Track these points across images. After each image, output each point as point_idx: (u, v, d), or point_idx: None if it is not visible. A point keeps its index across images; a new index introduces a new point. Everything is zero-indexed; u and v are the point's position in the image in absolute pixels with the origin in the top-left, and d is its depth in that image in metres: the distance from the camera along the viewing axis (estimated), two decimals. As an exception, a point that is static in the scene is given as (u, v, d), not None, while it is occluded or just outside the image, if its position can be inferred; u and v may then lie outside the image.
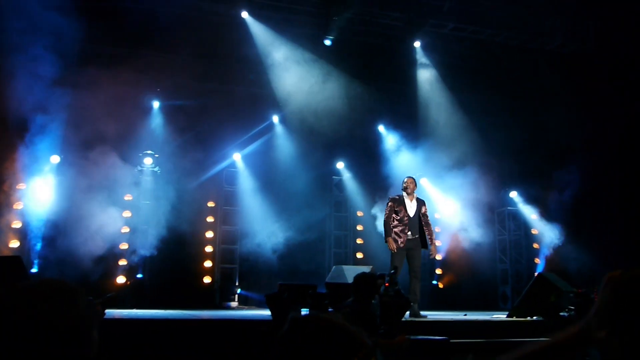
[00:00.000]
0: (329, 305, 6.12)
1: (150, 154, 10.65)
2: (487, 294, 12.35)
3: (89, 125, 9.55)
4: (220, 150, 11.36)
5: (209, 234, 11.25)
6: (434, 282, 12.54)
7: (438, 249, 11.17)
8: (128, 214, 10.33)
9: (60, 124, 9.53)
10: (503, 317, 8.19)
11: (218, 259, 11.24)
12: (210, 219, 11.34)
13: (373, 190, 11.82)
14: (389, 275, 5.59)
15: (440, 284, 12.61)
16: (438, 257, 12.42)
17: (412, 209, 7.80)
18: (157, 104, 10.98)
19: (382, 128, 12.59)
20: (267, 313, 6.81)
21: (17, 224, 9.54)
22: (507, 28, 11.41)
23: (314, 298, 6.51)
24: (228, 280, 11.18)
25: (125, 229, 10.24)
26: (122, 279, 10.08)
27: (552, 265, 11.81)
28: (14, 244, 9.50)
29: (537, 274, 8.83)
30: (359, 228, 12.36)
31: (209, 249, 11.19)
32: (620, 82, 10.99)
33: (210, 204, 11.39)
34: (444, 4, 11.01)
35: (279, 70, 11.19)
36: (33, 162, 9.47)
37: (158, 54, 10.46)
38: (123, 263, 10.14)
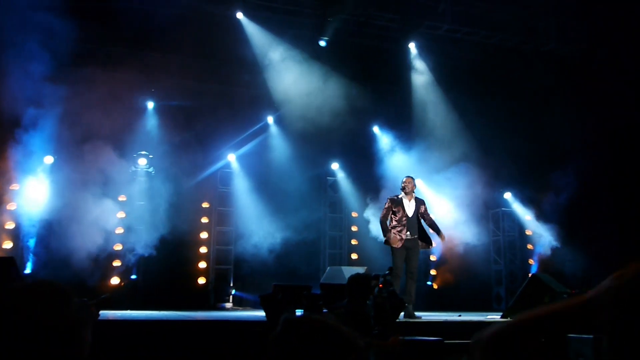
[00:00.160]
0: (324, 306, 6.12)
1: (145, 155, 10.62)
2: (481, 295, 12.37)
3: (83, 126, 9.51)
4: (215, 151, 11.34)
5: (204, 235, 11.23)
6: (429, 282, 12.56)
7: (432, 251, 11.21)
8: (122, 215, 10.29)
9: (54, 124, 9.49)
10: (497, 317, 8.20)
11: (213, 260, 11.22)
12: (205, 220, 11.31)
13: (368, 191, 11.82)
14: (383, 276, 5.59)
15: (435, 285, 12.63)
16: (433, 257, 12.45)
17: (410, 209, 7.77)
18: (151, 105, 10.95)
19: (376, 129, 12.60)
20: (261, 314, 6.80)
21: (10, 225, 9.50)
22: (501, 29, 11.44)
23: (309, 299, 6.51)
24: (223, 281, 11.16)
25: (120, 230, 10.21)
26: (116, 280, 10.04)
27: (546, 267, 11.85)
28: (7, 245, 9.45)
29: (531, 275, 8.87)
30: (354, 229, 12.37)
31: (204, 250, 11.17)
32: (615, 83, 11.03)
33: (205, 205, 11.37)
34: (439, 6, 11.03)
35: (274, 71, 11.18)
36: (26, 162, 9.43)
37: (153, 54, 10.44)
38: (117, 264, 10.11)
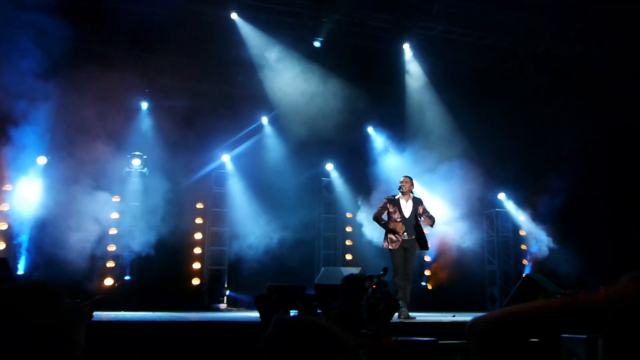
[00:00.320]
0: (318, 307, 6.11)
1: (139, 155, 10.60)
2: (475, 295, 12.40)
3: (77, 126, 9.48)
4: (209, 152, 11.33)
5: (198, 236, 11.22)
6: (423, 283, 12.58)
7: (427, 252, 11.18)
8: (116, 216, 10.26)
9: (48, 124, 9.46)
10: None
11: (207, 261, 11.21)
12: (199, 221, 11.30)
13: (362, 192, 11.82)
14: (377, 277, 5.59)
15: (429, 285, 12.65)
16: (427, 258, 12.46)
17: (407, 210, 7.72)
18: (145, 105, 10.93)
19: (371, 129, 12.62)
20: (256, 315, 6.79)
21: (3, 226, 9.46)
22: (496, 30, 11.46)
23: (303, 300, 6.51)
24: (217, 282, 11.15)
25: (114, 231, 10.18)
26: (110, 281, 10.01)
27: (540, 267, 11.89)
28: (0, 246, 9.41)
29: (524, 275, 8.89)
30: (349, 230, 12.38)
31: (198, 251, 11.15)
32: (611, 84, 11.08)
33: (199, 206, 11.36)
34: (433, 7, 11.05)
35: (268, 72, 11.18)
36: (20, 162, 9.39)
37: (147, 55, 10.44)
38: (111, 265, 10.08)
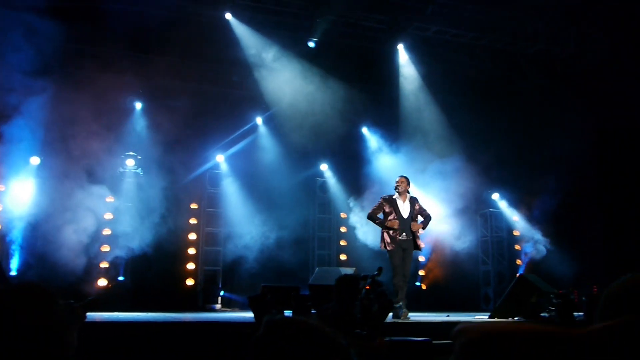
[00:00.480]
0: (312, 307, 6.12)
1: (133, 156, 10.58)
2: (469, 295, 12.44)
3: (71, 126, 9.46)
4: (204, 152, 11.32)
5: (192, 236, 11.20)
6: (417, 283, 12.60)
7: (422, 252, 11.20)
8: (110, 216, 10.24)
9: (41, 124, 9.43)
10: (485, 318, 8.25)
11: (201, 261, 11.20)
12: (194, 221, 11.29)
13: (357, 192, 11.84)
14: (372, 277, 5.59)
15: (423, 286, 12.67)
16: (421, 258, 12.48)
17: (405, 210, 7.69)
18: (140, 105, 10.92)
19: (365, 130, 12.65)
20: (250, 315, 6.79)
21: (-4, 227, 9.42)
22: (490, 31, 11.49)
23: (297, 300, 6.52)
24: (211, 283, 11.14)
25: (107, 231, 10.16)
26: (103, 282, 9.98)
27: (533, 267, 11.94)
28: (-7, 247, 9.38)
29: (518, 275, 8.93)
30: (343, 230, 12.39)
31: (192, 251, 11.14)
32: (604, 85, 11.14)
33: (194, 206, 11.35)
34: (427, 7, 11.07)
35: (263, 72, 11.18)
36: (13, 163, 9.35)
37: (141, 55, 10.42)
38: (105, 266, 10.05)
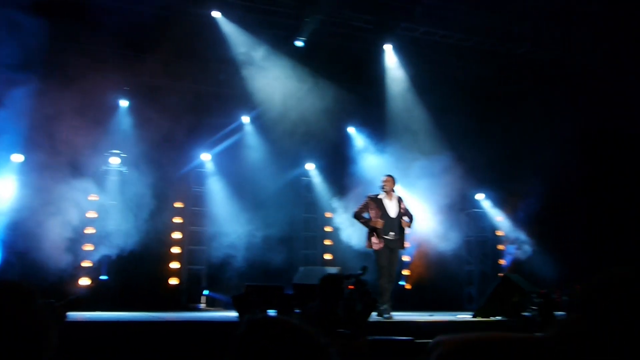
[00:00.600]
0: (296, 306, 6.13)
1: (118, 154, 10.51)
2: (453, 295, 12.51)
3: (55, 123, 9.36)
4: (190, 151, 11.27)
5: (177, 235, 11.15)
6: (401, 282, 12.66)
7: (406, 252, 11.28)
8: (94, 215, 10.15)
9: (25, 122, 9.32)
10: (468, 317, 8.32)
11: (186, 260, 11.15)
12: (179, 220, 11.23)
13: (342, 192, 11.87)
14: (356, 276, 5.62)
15: (408, 285, 12.73)
16: (406, 258, 12.54)
17: (392, 209, 7.69)
18: (126, 103, 10.84)
19: (352, 130, 12.68)
20: (234, 315, 6.78)
21: (-24, 224, 9.30)
22: (477, 32, 11.58)
23: (281, 299, 6.53)
24: (195, 282, 11.10)
25: (91, 230, 10.07)
26: (85, 281, 9.90)
27: (516, 267, 12.05)
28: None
29: (501, 275, 9.01)
30: (328, 229, 12.41)
31: (177, 250, 11.08)
32: (589, 87, 11.27)
33: (179, 205, 11.29)
34: (415, 8, 11.12)
35: (250, 71, 11.16)
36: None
37: (128, 52, 10.34)
38: (88, 264, 9.96)
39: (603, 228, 11.55)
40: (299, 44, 11.33)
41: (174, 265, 10.99)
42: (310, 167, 12.55)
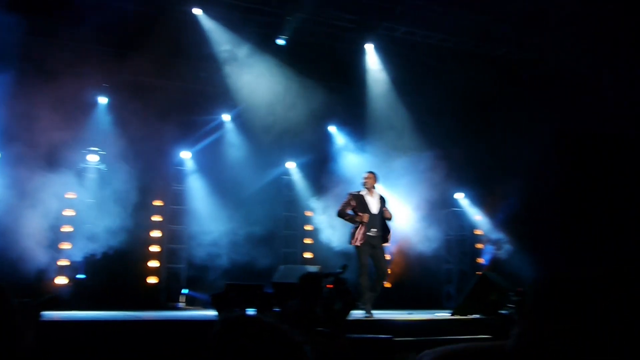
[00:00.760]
0: (276, 305, 6.13)
1: (96, 151, 10.39)
2: (432, 293, 12.61)
3: (33, 120, 9.23)
4: (169, 149, 11.19)
5: (156, 234, 11.06)
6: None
7: (385, 250, 11.33)
8: (71, 212, 10.03)
9: (0, 118, 9.17)
10: (447, 315, 8.40)
11: (165, 259, 11.07)
12: (158, 218, 11.15)
13: (323, 190, 11.90)
14: (335, 275, 5.63)
15: (387, 284, 12.79)
16: (386, 257, 12.60)
17: (374, 206, 7.70)
18: (104, 100, 10.71)
19: (332, 128, 12.71)
20: (213, 313, 6.75)
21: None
22: (457, 33, 11.67)
23: (261, 298, 6.53)
24: (175, 281, 11.03)
25: (68, 228, 9.94)
26: (62, 280, 9.77)
27: (495, 266, 12.19)
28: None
29: (479, 274, 9.10)
30: (308, 228, 12.42)
31: (156, 249, 11.00)
32: (565, 90, 11.42)
33: (158, 203, 11.20)
34: (396, 8, 11.18)
35: (231, 69, 11.12)
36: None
37: (107, 49, 10.23)
38: (64, 263, 9.83)
39: (580, 227, 11.72)
40: (281, 43, 11.31)
41: (153, 264, 10.90)
42: (291, 165, 12.54)
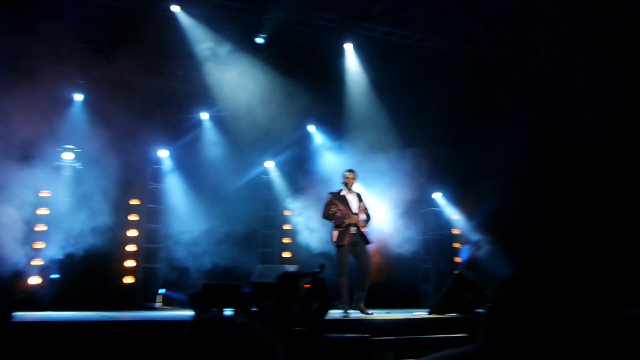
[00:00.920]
0: (253, 305, 6.11)
1: (71, 149, 10.23)
2: (409, 292, 12.68)
3: (6, 117, 9.07)
4: (146, 147, 11.07)
5: (133, 233, 10.93)
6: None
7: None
8: (45, 211, 9.86)
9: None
10: (424, 314, 8.45)
11: (141, 258, 10.95)
12: (135, 218, 11.02)
13: (300, 190, 11.90)
14: (313, 274, 5.63)
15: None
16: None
17: (355, 204, 7.69)
18: (81, 97, 10.55)
19: (311, 127, 12.71)
20: (190, 314, 6.71)
21: None
22: (434, 34, 11.76)
23: (238, 298, 6.50)
24: (151, 280, 10.91)
25: (42, 227, 9.78)
26: (36, 280, 9.60)
27: (471, 265, 12.30)
28: None
29: (456, 273, 9.18)
30: (287, 227, 12.40)
31: (132, 248, 10.87)
32: (541, 91, 11.58)
33: (135, 202, 11.07)
34: (375, 8, 11.22)
35: (210, 67, 11.05)
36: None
37: (83, 45, 10.08)
38: (38, 263, 9.66)
39: (555, 228, 11.88)
40: (260, 41, 11.27)
41: (130, 264, 10.77)
42: (270, 164, 12.51)
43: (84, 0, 9.60)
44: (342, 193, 7.77)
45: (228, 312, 6.37)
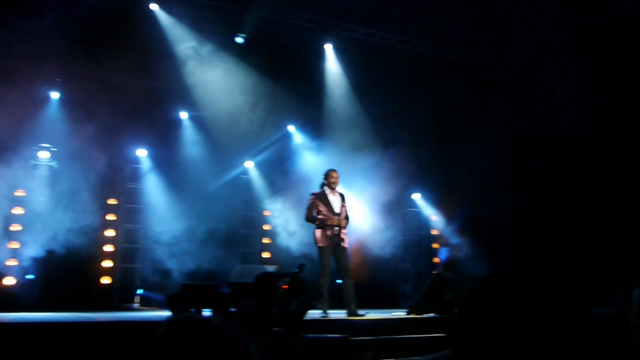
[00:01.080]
0: (232, 305, 6.09)
1: (47, 148, 10.07)
2: (388, 292, 12.74)
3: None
4: (125, 146, 10.95)
5: (110, 233, 10.81)
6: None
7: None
8: (20, 211, 9.70)
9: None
10: (402, 314, 8.50)
11: (119, 259, 10.83)
12: (112, 217, 10.90)
13: (279, 191, 11.89)
14: (292, 275, 5.64)
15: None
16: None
17: (337, 205, 7.67)
18: (57, 95, 10.40)
19: (291, 128, 12.70)
20: (168, 314, 6.66)
21: None
22: (415, 35, 11.83)
23: (217, 298, 6.48)
24: (129, 281, 10.80)
25: (17, 227, 9.62)
26: (10, 280, 9.43)
27: (449, 265, 12.41)
28: None
29: (434, 273, 9.25)
30: (266, 228, 12.37)
31: (110, 248, 10.74)
32: (521, 93, 11.71)
33: (113, 202, 10.95)
34: (355, 9, 11.25)
35: (189, 66, 10.96)
36: None
37: (60, 43, 9.93)
38: (13, 263, 9.50)
39: (532, 229, 12.03)
40: (239, 41, 11.23)
41: (107, 264, 10.64)
42: (250, 164, 12.47)
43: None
44: (325, 193, 7.74)
45: (206, 312, 6.34)
